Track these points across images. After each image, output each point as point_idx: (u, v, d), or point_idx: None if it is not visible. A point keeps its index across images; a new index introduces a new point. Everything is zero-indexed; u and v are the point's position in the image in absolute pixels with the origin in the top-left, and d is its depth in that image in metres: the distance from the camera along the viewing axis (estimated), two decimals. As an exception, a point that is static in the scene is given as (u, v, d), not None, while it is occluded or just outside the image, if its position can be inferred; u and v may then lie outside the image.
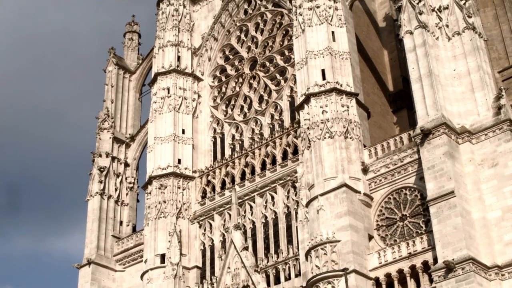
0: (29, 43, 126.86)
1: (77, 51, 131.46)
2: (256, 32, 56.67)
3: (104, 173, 58.58)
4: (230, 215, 48.82)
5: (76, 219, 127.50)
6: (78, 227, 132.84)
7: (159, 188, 52.44)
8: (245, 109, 54.64)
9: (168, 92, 56.29)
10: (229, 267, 46.32)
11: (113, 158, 59.74)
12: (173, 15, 59.81)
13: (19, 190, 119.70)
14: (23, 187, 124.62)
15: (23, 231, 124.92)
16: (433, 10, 44.39)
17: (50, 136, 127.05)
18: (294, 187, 47.21)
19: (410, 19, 43.63)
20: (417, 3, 43.82)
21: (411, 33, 43.26)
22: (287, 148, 49.34)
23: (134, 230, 58.81)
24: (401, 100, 52.15)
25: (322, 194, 42.27)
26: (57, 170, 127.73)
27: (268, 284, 45.58)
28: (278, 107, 52.26)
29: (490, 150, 39.37)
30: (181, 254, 50.21)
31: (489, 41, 47.22)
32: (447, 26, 43.93)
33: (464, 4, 44.11)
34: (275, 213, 48.50)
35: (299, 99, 47.03)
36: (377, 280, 40.82)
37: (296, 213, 45.68)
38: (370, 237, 42.20)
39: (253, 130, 53.13)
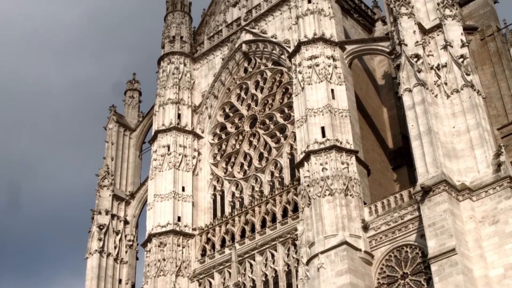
0: (28, 96, 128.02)
1: (77, 107, 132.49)
2: (256, 90, 57.06)
3: (104, 230, 58.29)
4: (230, 273, 48.38)
5: (75, 277, 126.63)
6: (77, 285, 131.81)
7: (159, 246, 52.14)
8: (245, 167, 54.68)
9: (168, 150, 56.43)
10: (229, 326, 45.81)
11: (113, 216, 59.49)
12: (173, 73, 60.33)
13: (18, 247, 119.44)
14: (22, 243, 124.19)
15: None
16: (431, 68, 44.78)
17: (49, 193, 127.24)
18: (295, 245, 46.92)
19: (409, 77, 43.95)
20: (416, 61, 44.19)
21: (410, 90, 43.52)
22: (287, 205, 49.23)
23: (133, 288, 58.36)
24: (401, 158, 52.19)
25: (322, 252, 41.99)
26: (56, 227, 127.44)
27: None
28: (278, 165, 52.31)
29: (491, 207, 39.26)
30: (180, 313, 49.75)
31: (488, 98, 47.49)
32: (446, 83, 44.25)
33: (462, 62, 44.49)
34: (276, 271, 48.14)
35: (299, 157, 47.10)
36: None
37: (297, 271, 45.27)
38: (372, 296, 41.81)
39: (253, 188, 53.08)
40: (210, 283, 51.23)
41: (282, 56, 55.30)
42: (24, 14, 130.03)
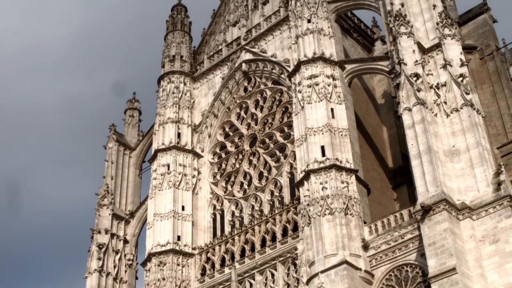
0: (27, 114, 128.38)
1: (77, 127, 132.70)
2: (256, 109, 57.14)
3: (103, 250, 58.13)
4: (229, 292, 48.32)
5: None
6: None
7: (158, 265, 51.98)
8: (245, 186, 54.63)
9: (168, 169, 56.42)
10: None
11: (112, 235, 59.32)
12: (173, 93, 60.45)
13: (17, 265, 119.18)
14: (21, 262, 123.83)
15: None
16: (431, 87, 44.87)
17: (49, 211, 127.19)
18: (295, 264, 46.80)
19: (409, 96, 44.01)
20: (415, 80, 44.28)
21: (410, 110, 43.57)
22: (287, 224, 49.14)
23: (132, 308, 58.14)
24: (400, 177, 52.18)
25: (322, 271, 41.86)
26: (55, 246, 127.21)
27: None
28: (278, 184, 52.27)
29: (491, 226, 39.18)
30: (180, 333, 49.53)
31: (487, 117, 47.56)
32: (445, 102, 44.31)
33: (462, 81, 44.58)
34: (275, 290, 48.00)
35: (299, 176, 47.07)
36: None
37: (297, 290, 45.19)
38: (372, 315, 41.67)
39: (253, 207, 53.01)
40: (210, 302, 51.07)
41: (282, 75, 55.42)
42: (14, 31, 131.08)
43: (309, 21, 52.43)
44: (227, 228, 53.61)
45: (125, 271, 59.26)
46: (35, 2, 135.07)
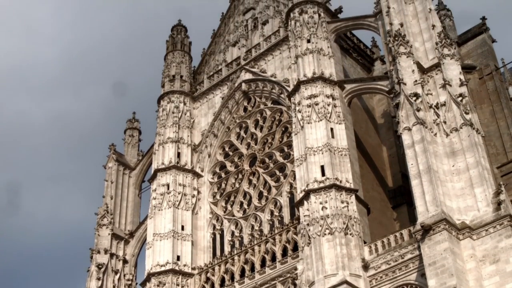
0: (17, 133, 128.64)
1: (77, 147, 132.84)
2: (255, 128, 57.17)
3: (103, 270, 57.94)
4: (229, 313, 48.14)
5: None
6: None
7: (158, 285, 51.77)
8: (245, 206, 54.55)
9: (168, 189, 56.36)
10: None
11: (112, 255, 59.15)
12: (173, 112, 60.52)
13: (17, 286, 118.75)
14: (20, 282, 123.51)
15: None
16: (430, 106, 44.93)
17: (48, 231, 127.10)
18: (294, 284, 46.59)
19: (408, 115, 44.07)
20: (415, 100, 44.35)
21: (409, 129, 43.62)
22: (287, 244, 49.01)
23: (132, 328, 57.87)
24: (400, 196, 52.09)
25: (322, 291, 41.75)
26: (54, 266, 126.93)
27: None
28: (278, 204, 52.19)
29: (491, 246, 39.08)
30: None
31: (487, 137, 47.59)
32: (445, 122, 44.37)
33: (461, 100, 44.66)
34: (275, 311, 47.81)
35: (298, 195, 47.01)
36: None
37: (297, 311, 45.02)
38: (372, 336, 41.47)
39: (252, 227, 52.91)
40: (210, 323, 50.87)
41: (282, 95, 55.51)
42: (4, 51, 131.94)
43: (308, 41, 52.62)
44: (227, 248, 53.47)
45: (125, 291, 59.07)
46: (25, 22, 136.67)
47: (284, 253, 48.92)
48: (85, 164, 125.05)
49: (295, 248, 48.07)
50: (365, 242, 44.33)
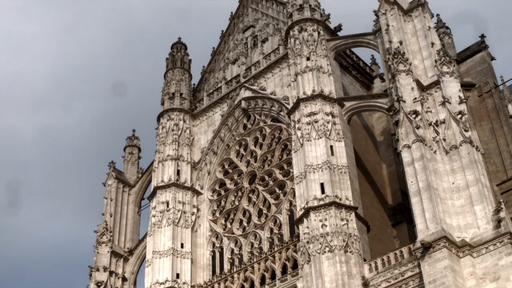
0: (6, 148, 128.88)
1: (78, 164, 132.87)
2: (255, 146, 57.18)
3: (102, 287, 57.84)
4: (229, 331, 47.97)
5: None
6: None
7: (157, 303, 51.66)
8: (244, 223, 54.47)
9: (167, 206, 56.28)
10: None
11: (111, 273, 58.94)
12: (173, 130, 60.55)
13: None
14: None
15: None
16: (430, 124, 44.98)
17: (47, 249, 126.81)
18: (294, 302, 46.46)
19: (408, 133, 44.10)
20: (414, 118, 44.40)
21: (409, 147, 43.64)
22: (287, 262, 48.87)
23: None
24: (400, 214, 52.03)
25: (322, 309, 41.60)
26: (53, 284, 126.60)
27: None
28: (278, 221, 52.10)
29: (492, 263, 38.97)
30: None
31: (487, 154, 47.61)
32: (444, 140, 44.39)
33: (461, 118, 44.70)
34: (275, 329, 47.62)
35: (298, 213, 46.93)
36: None
37: (296, 329, 44.81)
38: None
39: (252, 244, 52.79)
40: None
41: (281, 113, 55.57)
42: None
43: (308, 58, 52.73)
44: (226, 266, 53.33)
45: (124, 309, 58.87)
46: (13, 38, 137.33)
47: (284, 270, 48.77)
48: (75, 178, 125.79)
49: (295, 266, 47.93)
50: (365, 260, 44.22)
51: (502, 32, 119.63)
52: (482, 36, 56.16)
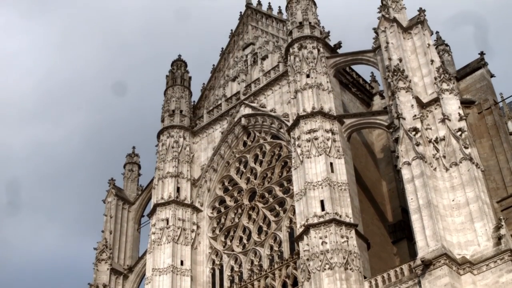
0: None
1: (77, 181, 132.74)
2: (255, 163, 57.17)
3: (101, 305, 57.67)
4: None
5: None
6: None
7: (157, 321, 51.48)
8: (244, 240, 54.37)
9: (167, 223, 56.20)
10: None
11: (110, 290, 58.89)
12: (173, 147, 60.57)
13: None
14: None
15: None
16: (430, 141, 45.01)
17: (47, 266, 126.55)
18: (294, 320, 46.34)
19: (408, 150, 44.11)
20: (414, 135, 44.43)
21: (409, 164, 43.64)
22: (287, 279, 48.77)
23: None
24: (400, 231, 51.95)
25: (322, 327, 41.45)
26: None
27: None
28: (277, 238, 52.00)
29: (492, 281, 38.87)
30: None
31: (487, 171, 47.58)
32: (444, 157, 44.40)
33: (461, 135, 44.73)
34: None
35: (298, 230, 46.84)
36: None
37: None
38: None
39: (252, 262, 52.67)
40: None
41: (281, 130, 55.61)
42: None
43: (308, 76, 52.83)
44: (226, 283, 53.18)
45: (123, 327, 58.68)
46: (1, 54, 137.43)
47: (284, 288, 48.69)
48: (64, 192, 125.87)
49: (295, 283, 47.82)
50: (365, 277, 44.10)
51: (502, 32, 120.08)
52: (482, 53, 56.32)
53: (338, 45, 56.83)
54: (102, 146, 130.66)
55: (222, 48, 67.23)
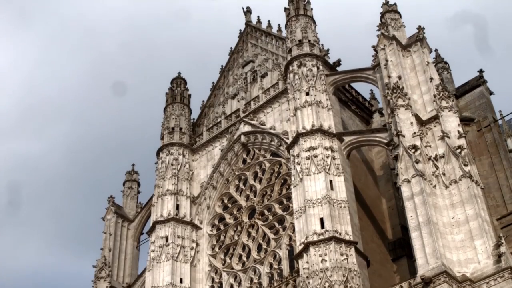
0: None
1: (77, 199, 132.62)
2: (254, 181, 57.14)
3: (100, 323, 57.47)
4: None
5: None
6: None
7: None
8: (244, 258, 54.24)
9: (167, 241, 56.08)
10: None
11: (110, 308, 58.72)
12: (172, 164, 60.55)
13: None
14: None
15: None
16: (429, 159, 45.03)
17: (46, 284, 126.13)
18: (294, 338, 46.15)
19: (407, 167, 44.12)
20: (414, 152, 44.46)
21: (409, 181, 43.64)
22: (286, 297, 48.63)
23: None
24: (400, 249, 51.83)
25: None
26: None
27: None
28: (277, 256, 51.90)
29: (493, 299, 38.86)
30: None
31: (486, 188, 47.60)
32: (444, 174, 44.41)
33: (460, 153, 44.77)
34: None
35: (298, 248, 46.74)
36: None
37: None
38: None
39: (251, 279, 52.52)
40: None
41: (281, 147, 55.61)
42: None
43: (307, 93, 52.91)
44: (226, 301, 53.02)
45: None
46: None
47: (284, 306, 48.52)
48: (50, 205, 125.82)
49: (295, 301, 47.66)
50: (365, 295, 44.01)
51: (503, 32, 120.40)
52: (481, 71, 56.50)
53: (338, 62, 56.94)
54: (99, 165, 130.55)
55: (222, 66, 67.41)
